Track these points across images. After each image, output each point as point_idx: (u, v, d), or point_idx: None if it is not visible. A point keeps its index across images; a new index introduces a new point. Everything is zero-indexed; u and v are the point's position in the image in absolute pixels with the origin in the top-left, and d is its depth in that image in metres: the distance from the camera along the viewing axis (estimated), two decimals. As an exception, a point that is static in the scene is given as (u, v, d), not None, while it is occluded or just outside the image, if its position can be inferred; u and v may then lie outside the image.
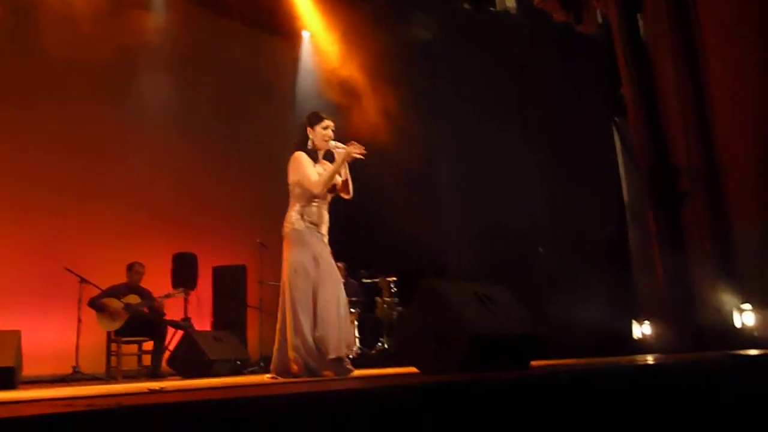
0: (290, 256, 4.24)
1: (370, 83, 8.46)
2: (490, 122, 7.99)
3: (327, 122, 4.41)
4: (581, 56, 7.75)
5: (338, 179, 4.38)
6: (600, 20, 7.69)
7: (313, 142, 4.38)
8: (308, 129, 4.41)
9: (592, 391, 2.57)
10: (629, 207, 7.63)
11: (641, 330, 6.91)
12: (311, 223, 4.25)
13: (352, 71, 8.70)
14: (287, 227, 4.29)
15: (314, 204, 4.28)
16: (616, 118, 7.85)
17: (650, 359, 4.45)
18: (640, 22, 7.01)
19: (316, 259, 4.19)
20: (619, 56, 6.88)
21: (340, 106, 8.68)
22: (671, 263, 6.27)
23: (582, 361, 4.62)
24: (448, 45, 8.49)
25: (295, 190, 4.33)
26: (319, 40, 9.76)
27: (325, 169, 4.33)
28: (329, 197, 4.39)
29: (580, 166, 7.43)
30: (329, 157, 4.44)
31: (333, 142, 4.34)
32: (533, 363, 3.76)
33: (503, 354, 3.49)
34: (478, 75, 8.19)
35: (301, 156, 4.35)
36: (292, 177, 4.34)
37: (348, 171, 4.38)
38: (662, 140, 6.55)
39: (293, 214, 4.29)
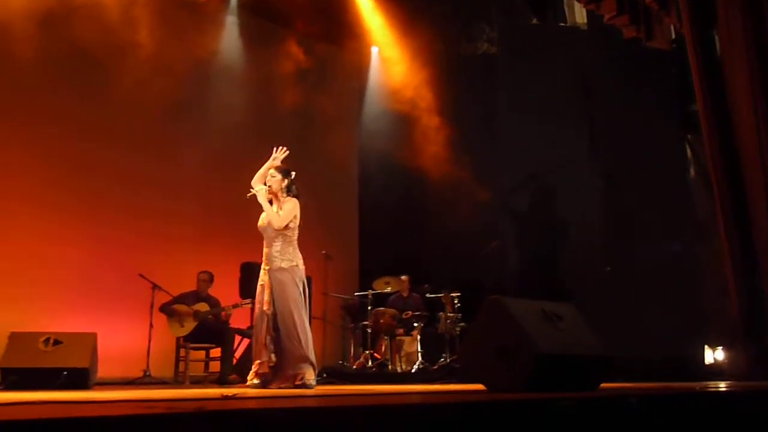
0: None
1: (434, 99, 8.49)
2: (556, 138, 7.92)
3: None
4: (651, 72, 7.61)
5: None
6: (673, 36, 7.54)
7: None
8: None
9: (662, 415, 2.51)
10: (701, 225, 7.42)
11: (713, 355, 6.68)
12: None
13: (417, 86, 8.75)
14: None
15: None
16: (688, 135, 7.67)
17: (722, 386, 4.31)
18: (716, 38, 6.84)
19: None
20: (693, 72, 6.71)
21: (406, 122, 8.75)
22: (745, 286, 6.05)
23: (652, 384, 4.51)
24: (513, 60, 8.46)
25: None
26: (387, 55, 9.85)
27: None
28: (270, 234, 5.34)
29: (650, 182, 7.27)
30: None
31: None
32: (602, 385, 3.69)
33: (570, 374, 3.44)
34: (545, 90, 8.13)
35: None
36: None
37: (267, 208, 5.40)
38: (736, 157, 6.35)
39: None
